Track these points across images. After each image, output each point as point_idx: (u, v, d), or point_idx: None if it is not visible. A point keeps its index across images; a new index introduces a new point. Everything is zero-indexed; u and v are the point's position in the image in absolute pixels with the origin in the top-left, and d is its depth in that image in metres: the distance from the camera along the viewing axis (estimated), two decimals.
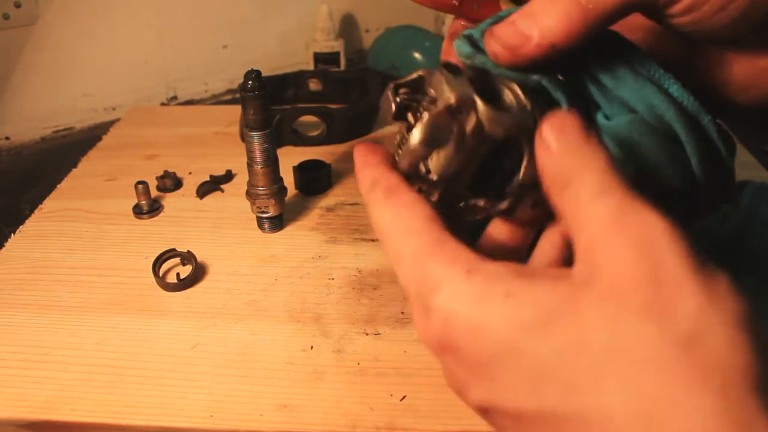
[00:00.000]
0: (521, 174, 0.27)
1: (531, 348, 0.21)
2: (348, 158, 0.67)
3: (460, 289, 0.23)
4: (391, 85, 0.28)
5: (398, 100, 0.28)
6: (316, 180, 0.61)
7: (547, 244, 0.29)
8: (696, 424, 0.18)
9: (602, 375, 0.20)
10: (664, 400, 0.19)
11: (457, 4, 0.35)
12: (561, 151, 0.24)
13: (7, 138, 0.82)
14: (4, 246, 0.54)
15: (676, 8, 0.29)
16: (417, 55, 0.95)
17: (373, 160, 0.28)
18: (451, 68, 0.27)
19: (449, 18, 1.11)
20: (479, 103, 0.26)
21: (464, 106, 0.26)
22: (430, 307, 0.24)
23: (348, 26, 1.07)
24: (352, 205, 0.59)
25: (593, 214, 0.22)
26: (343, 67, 0.99)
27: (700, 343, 0.19)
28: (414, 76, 0.28)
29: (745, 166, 0.65)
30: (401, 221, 0.26)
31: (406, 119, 0.28)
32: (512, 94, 0.27)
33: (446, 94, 0.26)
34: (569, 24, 0.27)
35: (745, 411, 0.18)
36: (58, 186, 0.63)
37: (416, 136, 0.27)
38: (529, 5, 0.28)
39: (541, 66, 0.28)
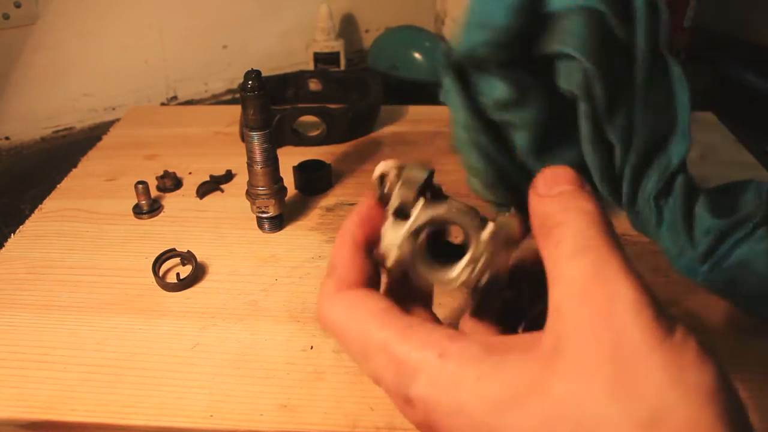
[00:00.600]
0: (464, 263, 0.28)
1: (502, 427, 0.21)
2: (348, 158, 0.67)
3: (435, 376, 0.23)
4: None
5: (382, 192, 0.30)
6: (316, 180, 0.61)
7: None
8: None
9: None
10: None
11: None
12: (550, 198, 0.25)
13: (7, 138, 0.82)
14: (4, 246, 0.54)
15: None
16: (417, 55, 0.95)
17: (349, 239, 0.29)
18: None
19: (449, 18, 1.10)
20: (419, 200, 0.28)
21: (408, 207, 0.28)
22: (411, 398, 0.24)
23: (348, 26, 1.07)
24: (352, 205, 0.59)
25: (567, 273, 0.22)
26: (343, 67, 0.99)
27: (664, 422, 0.19)
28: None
29: (745, 166, 0.65)
30: (356, 315, 0.26)
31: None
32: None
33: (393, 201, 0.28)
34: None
35: None
36: (58, 186, 0.63)
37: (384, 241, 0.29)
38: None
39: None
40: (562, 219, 0.24)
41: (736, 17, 1.03)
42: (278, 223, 0.55)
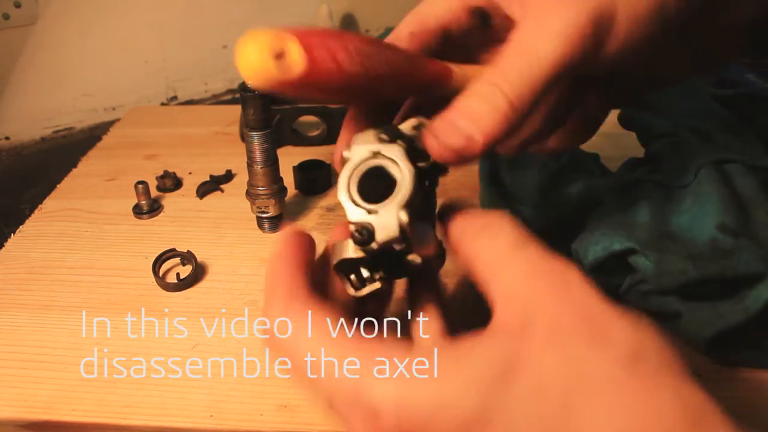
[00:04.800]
0: None
1: (498, 406, 0.22)
2: None
3: (406, 377, 0.22)
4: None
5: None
6: (316, 180, 0.61)
7: (430, 317, 0.30)
8: (664, 425, 0.20)
9: (571, 410, 0.21)
10: (632, 414, 0.21)
11: (405, 55, 0.32)
12: (473, 211, 0.28)
13: (7, 138, 0.82)
14: (4, 246, 0.54)
15: (601, 63, 0.30)
16: None
17: (288, 261, 0.28)
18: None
19: None
20: None
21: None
22: (375, 405, 0.23)
23: (348, 26, 1.07)
24: None
25: (512, 264, 0.25)
26: None
27: (644, 355, 0.22)
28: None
29: None
30: (315, 330, 0.25)
31: None
32: None
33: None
34: (506, 121, 0.28)
35: (697, 400, 0.21)
36: (58, 186, 0.63)
37: None
38: (463, 102, 0.28)
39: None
40: (493, 224, 0.27)
41: None
42: (278, 223, 0.55)
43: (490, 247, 0.26)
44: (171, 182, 0.61)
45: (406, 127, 0.30)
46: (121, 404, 0.39)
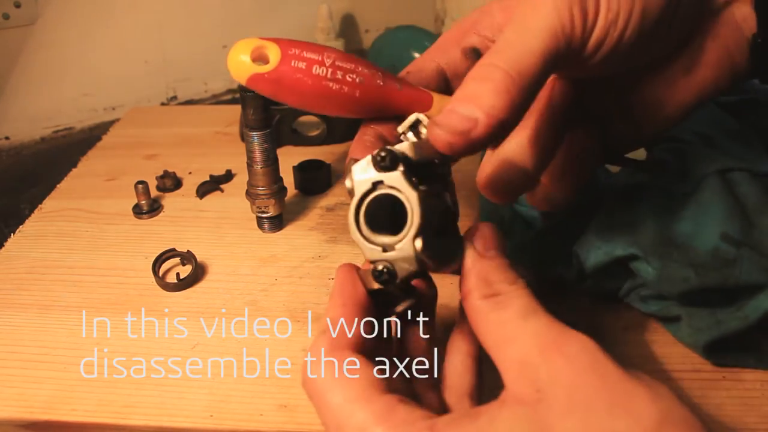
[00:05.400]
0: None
1: None
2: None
3: None
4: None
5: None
6: (315, 180, 0.61)
7: (460, 367, 0.31)
8: None
9: None
10: None
11: (381, 84, 0.34)
12: (488, 260, 0.27)
13: (7, 138, 0.82)
14: (4, 246, 0.54)
15: (591, 44, 0.29)
16: (417, 55, 0.95)
17: (350, 299, 0.28)
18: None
19: (449, 18, 1.10)
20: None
21: None
22: None
23: (348, 26, 1.08)
24: None
25: (522, 334, 0.25)
26: None
27: (667, 423, 0.22)
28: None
29: None
30: (340, 386, 0.25)
31: None
32: None
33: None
34: (507, 96, 0.26)
35: None
36: (58, 186, 0.63)
37: None
38: (461, 88, 0.28)
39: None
40: (503, 290, 0.26)
41: None
42: (278, 223, 0.55)
43: (499, 319, 0.26)
44: (171, 182, 0.61)
45: (404, 128, 0.30)
46: (121, 404, 0.39)
